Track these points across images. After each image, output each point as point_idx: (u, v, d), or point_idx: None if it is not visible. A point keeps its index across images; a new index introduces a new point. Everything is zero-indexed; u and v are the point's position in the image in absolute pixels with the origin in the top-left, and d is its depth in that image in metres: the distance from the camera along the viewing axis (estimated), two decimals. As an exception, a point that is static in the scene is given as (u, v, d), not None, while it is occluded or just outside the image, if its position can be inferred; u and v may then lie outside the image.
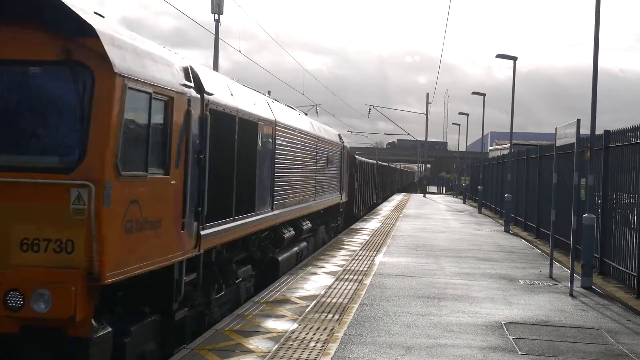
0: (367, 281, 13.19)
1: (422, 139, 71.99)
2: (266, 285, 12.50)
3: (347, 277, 13.64)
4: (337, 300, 11.23)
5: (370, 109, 66.51)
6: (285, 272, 13.86)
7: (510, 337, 9.18)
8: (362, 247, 18.83)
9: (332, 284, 12.71)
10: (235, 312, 10.17)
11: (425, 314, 10.40)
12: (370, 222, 28.19)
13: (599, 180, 14.87)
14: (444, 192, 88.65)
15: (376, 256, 17.00)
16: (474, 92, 43.42)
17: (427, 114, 67.07)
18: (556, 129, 15.00)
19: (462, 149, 75.15)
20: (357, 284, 12.86)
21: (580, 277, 13.49)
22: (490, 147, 72.81)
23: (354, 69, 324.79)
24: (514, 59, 29.75)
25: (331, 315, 10.06)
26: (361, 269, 14.78)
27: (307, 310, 10.36)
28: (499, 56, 30.53)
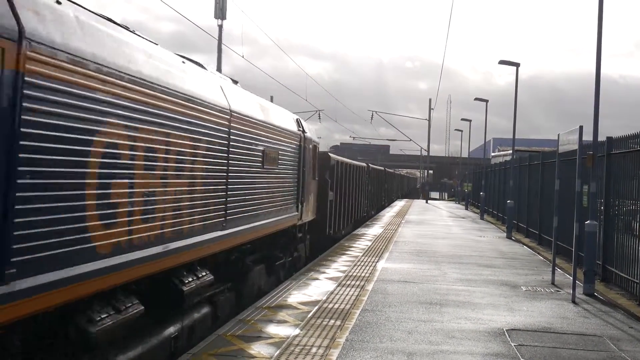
0: (369, 287, 13.18)
1: (424, 145, 71.94)
2: None
3: (349, 282, 13.63)
4: (339, 305, 11.22)
5: (372, 115, 66.68)
6: None
7: (512, 344, 9.16)
8: (364, 253, 18.81)
9: (334, 290, 12.71)
10: (237, 317, 10.16)
11: (427, 320, 10.39)
12: (372, 228, 28.17)
13: (602, 187, 14.87)
14: (447, 198, 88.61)
15: (378, 262, 16.99)
16: (476, 99, 43.47)
17: (429, 120, 67.10)
18: (559, 135, 15.00)
19: (464, 155, 75.13)
20: (359, 289, 12.86)
21: (582, 284, 13.47)
22: (492, 154, 72.83)
23: (353, 74, 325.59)
24: (517, 65, 29.78)
25: (333, 320, 10.06)
26: (363, 274, 14.77)
27: (309, 315, 10.35)
28: (502, 62, 30.56)
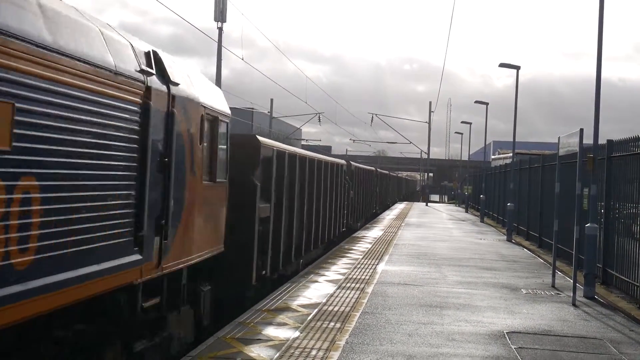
0: (369, 289, 13.16)
1: (423, 148, 71.97)
2: None
3: (349, 285, 13.60)
4: (339, 308, 11.20)
5: (372, 118, 66.71)
6: None
7: (512, 347, 9.14)
8: (364, 255, 18.79)
9: (334, 292, 12.69)
10: (236, 319, 10.14)
11: (427, 323, 10.37)
12: (372, 231, 28.15)
13: (602, 190, 14.86)
14: (447, 200, 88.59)
15: (378, 264, 16.97)
16: (476, 101, 43.51)
17: (429, 123, 67.13)
18: (559, 138, 14.99)
19: (464, 158, 75.14)
20: (359, 292, 12.83)
21: (582, 287, 13.45)
22: (492, 156, 72.81)
23: (351, 77, 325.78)
24: (517, 68, 29.78)
25: (333, 323, 10.04)
26: (363, 277, 14.75)
27: (309, 318, 10.33)
28: (502, 65, 30.57)
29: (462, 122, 59.72)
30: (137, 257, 7.17)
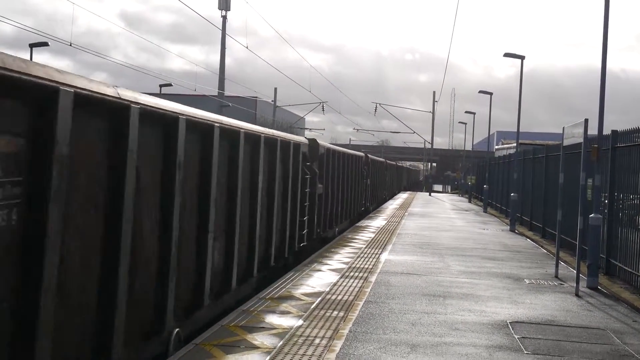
0: (373, 279, 13.18)
1: (427, 137, 71.91)
2: None
3: (352, 274, 13.63)
4: (343, 297, 11.22)
5: (376, 107, 66.62)
6: None
7: (515, 336, 9.16)
8: (367, 245, 18.81)
9: (337, 281, 12.71)
10: (240, 307, 10.17)
11: (430, 312, 10.39)
12: (376, 220, 28.16)
13: (606, 180, 14.84)
14: (450, 190, 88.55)
15: (381, 254, 16.99)
16: (480, 91, 43.44)
17: (433, 113, 67.02)
18: (564, 128, 14.96)
19: (468, 148, 75.07)
20: (362, 281, 12.86)
21: (586, 277, 13.47)
22: (496, 147, 72.72)
23: (353, 67, 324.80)
24: (522, 58, 29.71)
25: (336, 312, 10.06)
26: (366, 266, 14.77)
27: (312, 306, 10.36)
28: (507, 55, 30.50)
29: (466, 112, 59.65)
30: None
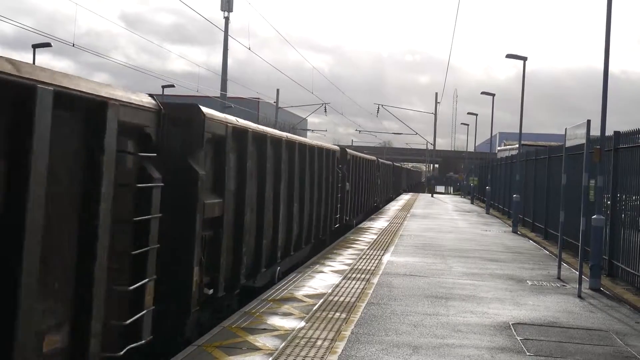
0: (375, 280, 13.17)
1: (429, 139, 71.92)
2: None
3: (354, 275, 13.62)
4: (345, 298, 11.21)
5: (379, 108, 66.63)
6: None
7: (518, 338, 9.15)
8: (369, 246, 18.80)
9: (340, 283, 12.70)
10: (242, 309, 10.16)
11: (432, 314, 10.38)
12: (378, 222, 28.16)
13: (609, 181, 14.82)
14: (452, 192, 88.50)
15: (384, 255, 16.97)
16: (483, 92, 43.37)
17: (435, 114, 67.00)
18: (566, 129, 14.95)
19: (470, 149, 75.03)
20: (364, 282, 12.84)
21: (588, 279, 13.45)
22: (498, 148, 72.68)
23: (353, 68, 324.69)
24: (524, 59, 29.68)
25: (338, 313, 10.05)
26: (369, 267, 14.76)
27: (315, 308, 10.35)
28: (509, 56, 30.47)
29: (469, 113, 59.56)
30: None
